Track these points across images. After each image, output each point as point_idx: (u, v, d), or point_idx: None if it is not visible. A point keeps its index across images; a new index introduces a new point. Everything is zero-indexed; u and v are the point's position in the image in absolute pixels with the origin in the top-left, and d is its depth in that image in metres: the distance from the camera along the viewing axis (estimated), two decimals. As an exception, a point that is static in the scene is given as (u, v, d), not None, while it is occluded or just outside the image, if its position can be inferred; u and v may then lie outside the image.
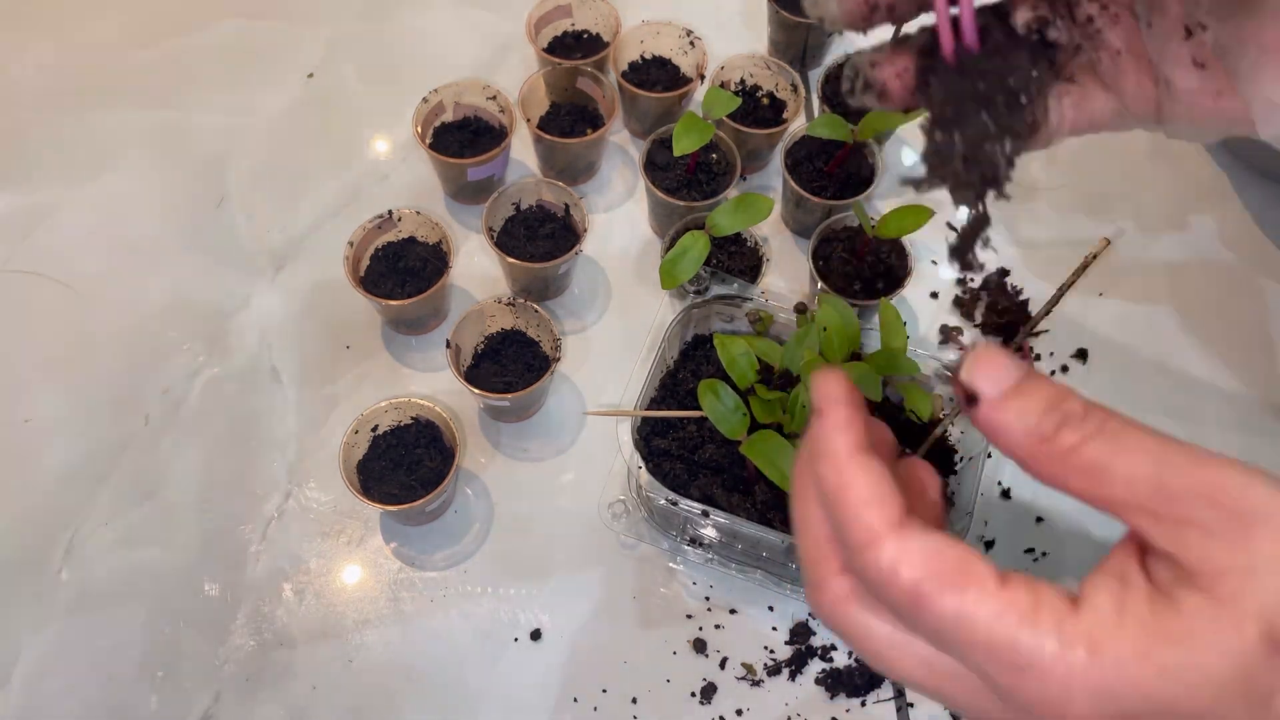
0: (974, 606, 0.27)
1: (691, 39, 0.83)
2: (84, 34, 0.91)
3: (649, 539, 0.68)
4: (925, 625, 0.28)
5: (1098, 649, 0.26)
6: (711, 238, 0.64)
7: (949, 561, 0.27)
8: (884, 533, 0.28)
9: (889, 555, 0.27)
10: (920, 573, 0.27)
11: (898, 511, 0.28)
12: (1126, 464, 0.27)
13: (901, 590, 0.27)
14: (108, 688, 0.64)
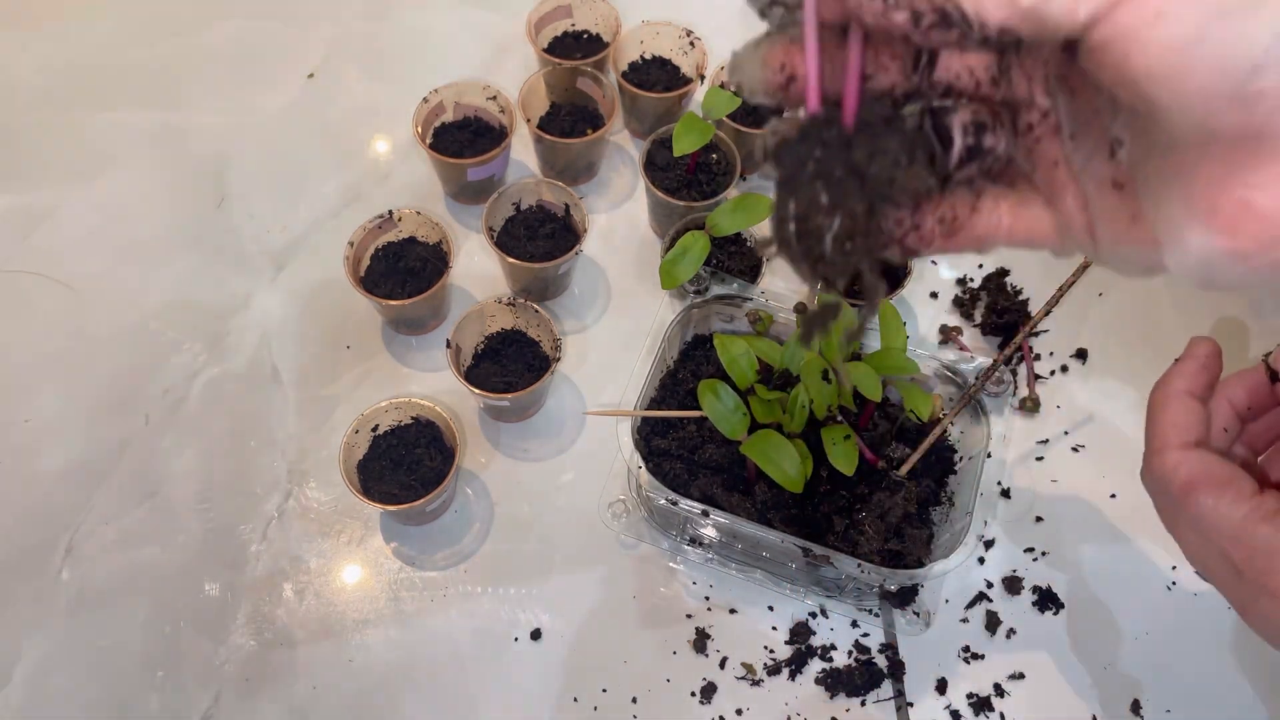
0: (1226, 507, 0.37)
1: (691, 39, 0.83)
2: (84, 34, 0.91)
3: (649, 539, 0.68)
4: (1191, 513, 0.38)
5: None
6: (711, 238, 0.64)
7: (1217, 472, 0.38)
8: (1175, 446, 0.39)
9: (1172, 460, 0.39)
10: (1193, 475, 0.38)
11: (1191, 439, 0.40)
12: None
13: (1178, 484, 0.38)
14: (108, 687, 0.64)
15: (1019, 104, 0.33)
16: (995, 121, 0.33)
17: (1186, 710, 0.65)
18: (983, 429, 0.64)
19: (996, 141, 0.33)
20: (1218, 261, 0.29)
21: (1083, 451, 0.73)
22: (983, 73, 0.33)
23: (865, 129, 0.30)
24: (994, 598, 0.68)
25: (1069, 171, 0.33)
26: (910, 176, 0.30)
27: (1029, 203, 0.34)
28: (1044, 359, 0.77)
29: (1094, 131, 0.32)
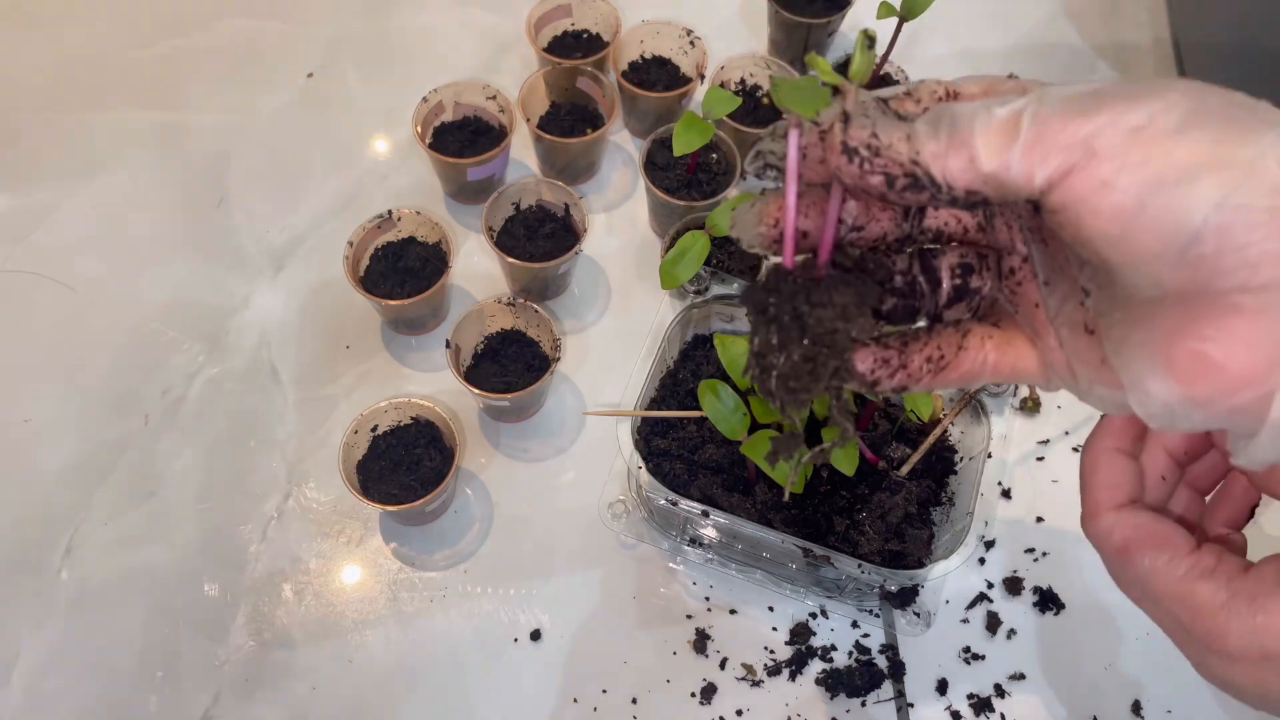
0: (1163, 566, 0.36)
1: (691, 39, 0.83)
2: (84, 34, 0.91)
3: (649, 539, 0.68)
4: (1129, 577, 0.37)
5: (1255, 600, 0.33)
6: (711, 238, 0.64)
7: (1152, 532, 0.36)
8: (1108, 508, 0.38)
9: (1106, 523, 0.37)
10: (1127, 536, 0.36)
11: (1125, 497, 0.38)
12: None
13: (1112, 547, 0.37)
14: (107, 688, 0.64)
15: (1003, 249, 0.36)
16: (981, 264, 0.36)
17: (1187, 711, 0.64)
18: (983, 429, 0.64)
19: (982, 283, 0.36)
20: (1178, 407, 0.31)
21: (1083, 452, 0.73)
22: (969, 220, 0.36)
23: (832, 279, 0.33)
24: (995, 598, 0.68)
25: (1048, 314, 0.36)
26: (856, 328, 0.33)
27: (1014, 341, 0.37)
28: (1045, 359, 0.77)
29: (1066, 279, 0.35)
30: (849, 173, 0.31)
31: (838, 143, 0.31)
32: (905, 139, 0.31)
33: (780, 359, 0.33)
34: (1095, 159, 0.28)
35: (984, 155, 0.29)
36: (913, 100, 0.33)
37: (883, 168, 0.31)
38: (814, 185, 0.34)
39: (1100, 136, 0.28)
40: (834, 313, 0.33)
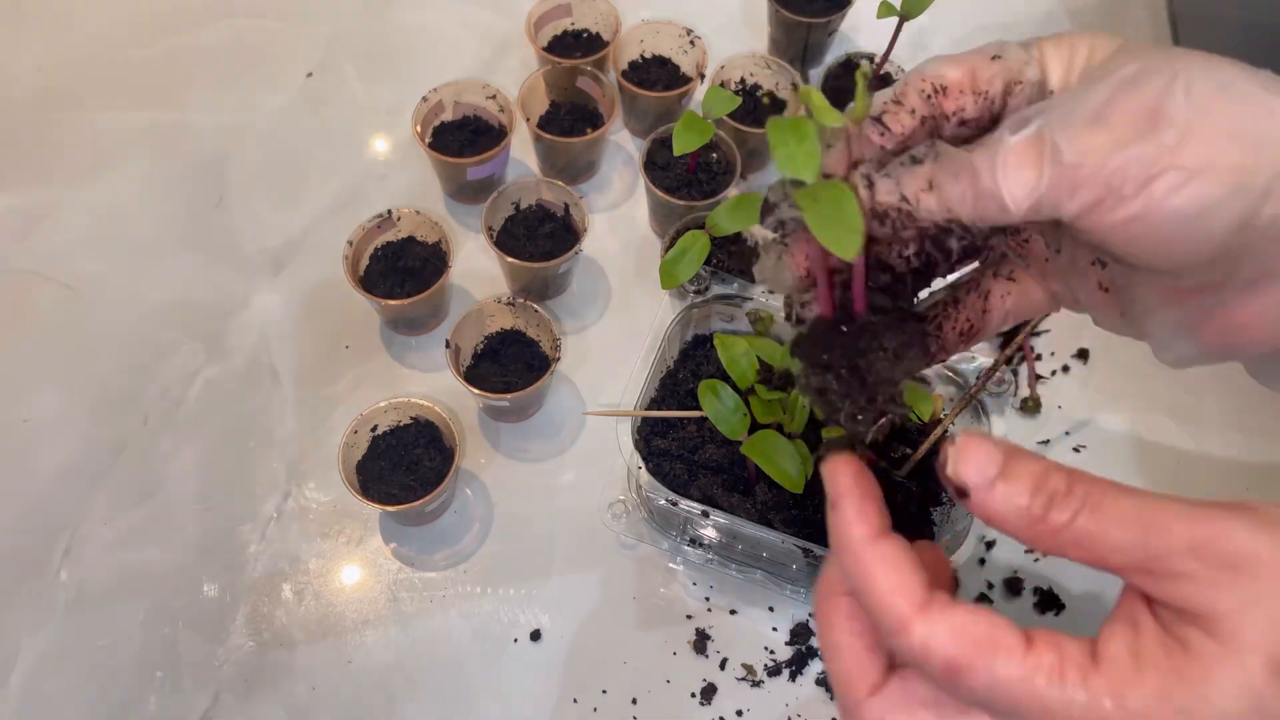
0: (1004, 673, 0.29)
1: (691, 38, 0.83)
2: (82, 33, 0.90)
3: (649, 539, 0.68)
4: (964, 694, 0.30)
5: (1121, 698, 0.29)
6: (711, 237, 0.64)
7: (976, 635, 0.30)
8: (911, 616, 0.30)
9: (919, 637, 0.30)
10: (951, 650, 0.30)
11: (921, 592, 0.31)
12: (1114, 534, 0.30)
13: (937, 668, 0.30)
14: (106, 688, 0.64)
15: None
16: None
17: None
18: (984, 429, 0.64)
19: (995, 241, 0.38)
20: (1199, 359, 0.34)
21: (1084, 452, 0.73)
22: None
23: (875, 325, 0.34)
24: (995, 599, 0.68)
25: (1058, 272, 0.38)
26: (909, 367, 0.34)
27: (1027, 289, 0.39)
28: (1045, 359, 0.76)
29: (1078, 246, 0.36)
30: (880, 234, 0.33)
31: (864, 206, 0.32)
32: (929, 190, 0.32)
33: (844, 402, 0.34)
34: (1121, 199, 0.30)
35: (1013, 203, 0.31)
36: (905, 110, 0.34)
37: (917, 225, 0.32)
38: None
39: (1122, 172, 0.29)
40: (887, 359, 0.34)
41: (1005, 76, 0.34)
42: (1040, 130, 0.30)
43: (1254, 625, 0.28)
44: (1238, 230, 0.29)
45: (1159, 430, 0.74)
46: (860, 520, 0.33)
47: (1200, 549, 0.29)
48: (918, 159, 0.33)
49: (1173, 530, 0.29)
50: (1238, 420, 0.74)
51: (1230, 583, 0.29)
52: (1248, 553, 0.29)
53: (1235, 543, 0.29)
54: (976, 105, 0.34)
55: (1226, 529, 0.29)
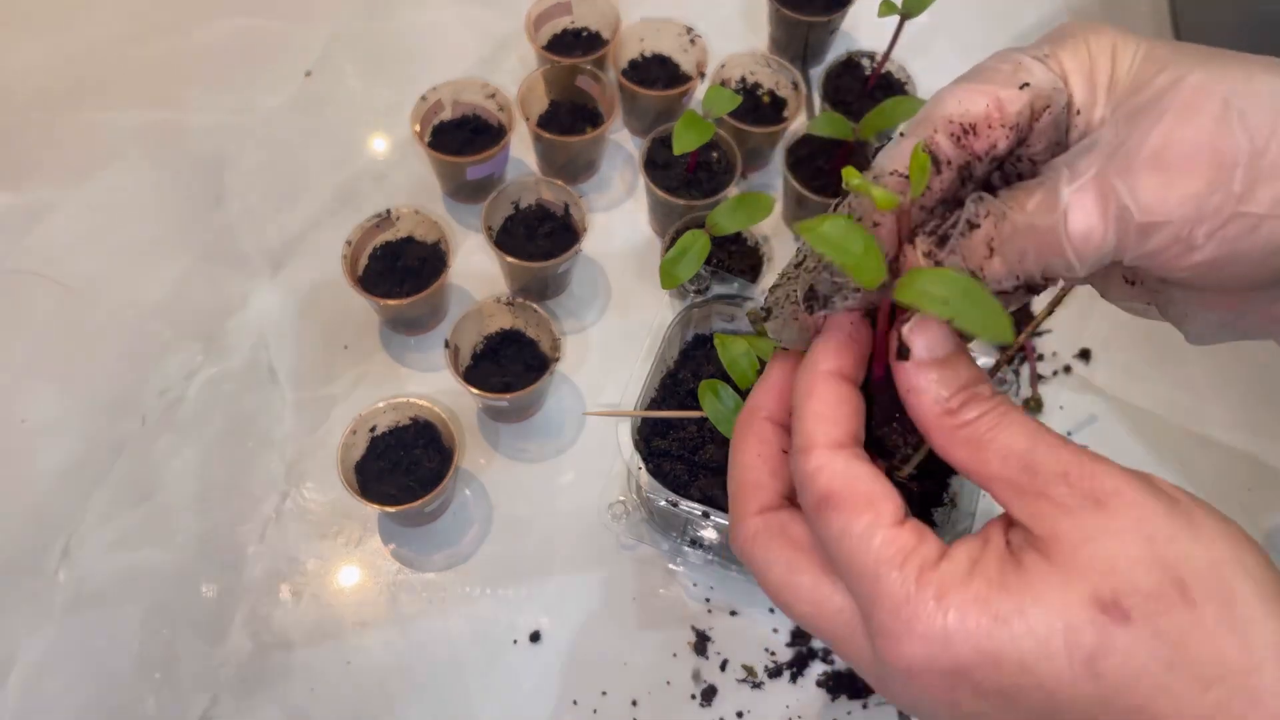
0: (858, 529, 0.31)
1: (692, 37, 0.83)
2: (80, 32, 0.90)
3: (649, 540, 0.68)
4: (820, 532, 0.32)
5: (944, 597, 0.29)
6: (712, 237, 0.64)
7: (860, 488, 0.31)
8: (821, 445, 0.32)
9: (815, 463, 0.32)
10: (832, 487, 0.31)
11: (842, 434, 0.32)
12: (1004, 440, 0.31)
13: (814, 493, 0.32)
14: (105, 689, 0.64)
15: None
16: None
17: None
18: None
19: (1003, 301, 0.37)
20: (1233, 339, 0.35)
21: (1086, 452, 0.73)
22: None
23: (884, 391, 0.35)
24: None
25: None
26: None
27: None
28: (1047, 359, 0.76)
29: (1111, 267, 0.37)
30: None
31: None
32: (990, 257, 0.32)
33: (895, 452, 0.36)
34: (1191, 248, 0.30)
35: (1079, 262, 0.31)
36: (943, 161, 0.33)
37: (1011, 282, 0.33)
38: None
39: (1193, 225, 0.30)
40: None
41: (1034, 105, 0.33)
42: (1099, 181, 0.30)
43: (1091, 556, 0.29)
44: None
45: (1160, 430, 0.74)
46: (834, 356, 0.34)
47: (1072, 476, 0.30)
48: (973, 223, 0.32)
49: (1057, 453, 0.30)
50: (1240, 420, 0.74)
51: (1086, 513, 0.29)
52: (1112, 489, 0.29)
53: (1105, 480, 0.30)
54: (1008, 140, 0.33)
55: (1103, 468, 0.30)
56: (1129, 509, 0.29)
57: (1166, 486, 0.31)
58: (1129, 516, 0.29)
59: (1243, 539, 0.30)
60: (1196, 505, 0.30)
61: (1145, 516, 0.29)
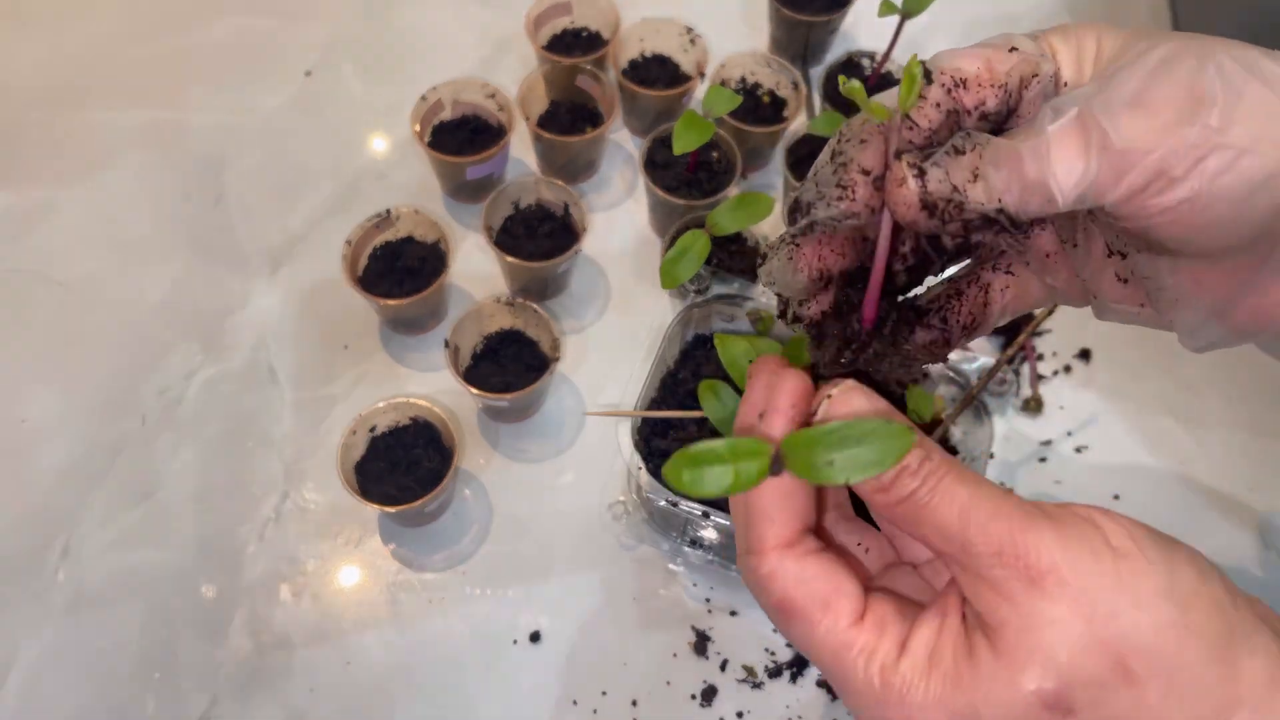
0: (822, 636, 0.31)
1: (692, 37, 0.83)
2: (80, 32, 0.90)
3: (649, 540, 0.68)
4: (784, 631, 0.33)
5: (905, 699, 0.30)
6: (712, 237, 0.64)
7: (815, 590, 0.32)
8: (771, 548, 0.32)
9: (767, 568, 0.32)
10: (789, 594, 0.32)
11: (791, 532, 0.32)
12: (939, 516, 0.31)
13: (770, 599, 0.32)
14: (104, 690, 0.64)
15: None
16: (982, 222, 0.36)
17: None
18: (985, 430, 0.64)
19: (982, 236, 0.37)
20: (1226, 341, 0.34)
21: (1086, 452, 0.73)
22: None
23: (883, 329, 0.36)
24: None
25: (1063, 260, 0.37)
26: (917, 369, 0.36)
27: (1027, 283, 0.39)
28: (1047, 359, 0.76)
29: (1093, 241, 0.36)
30: (926, 226, 0.32)
31: (915, 200, 0.32)
32: (974, 181, 0.31)
33: None
34: (1172, 182, 0.30)
35: (1061, 194, 0.30)
36: (930, 104, 0.33)
37: (964, 218, 0.32)
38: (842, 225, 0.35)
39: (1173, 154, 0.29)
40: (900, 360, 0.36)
41: (1021, 70, 0.34)
42: (1082, 117, 0.30)
43: (1033, 648, 0.29)
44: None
45: (1161, 430, 0.74)
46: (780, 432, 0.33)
47: (1006, 555, 0.29)
48: (960, 149, 0.32)
49: (988, 529, 0.30)
50: (1240, 420, 0.74)
51: (1025, 597, 0.29)
52: (1048, 568, 0.29)
53: (1040, 556, 0.29)
54: (996, 99, 0.33)
55: (1036, 540, 0.29)
56: (1065, 588, 0.29)
57: (1113, 532, 0.30)
58: (1066, 597, 0.29)
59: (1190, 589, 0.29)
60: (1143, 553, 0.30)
61: (1083, 592, 0.29)
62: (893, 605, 0.33)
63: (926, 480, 0.31)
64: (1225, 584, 0.30)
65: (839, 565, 0.33)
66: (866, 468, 0.29)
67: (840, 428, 0.29)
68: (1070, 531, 0.30)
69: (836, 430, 0.29)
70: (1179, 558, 0.30)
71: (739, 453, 0.30)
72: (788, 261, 0.36)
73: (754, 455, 0.30)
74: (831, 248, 0.35)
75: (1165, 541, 0.31)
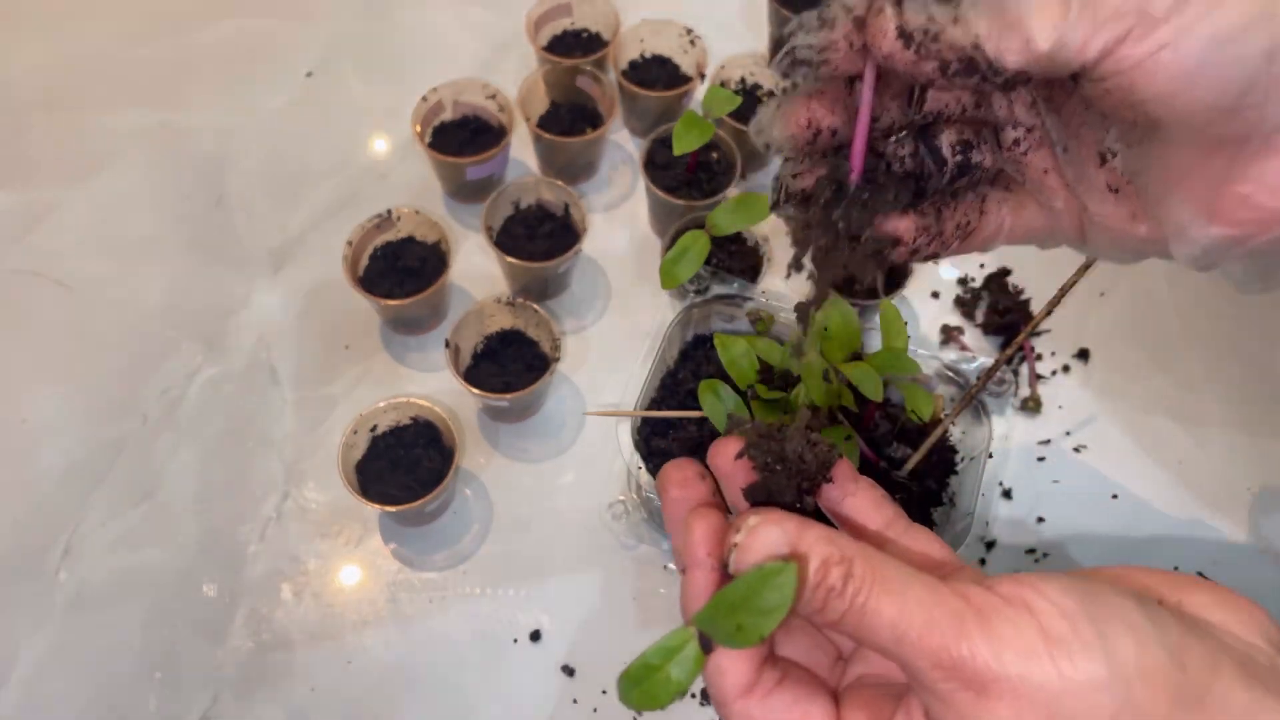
0: None
1: (691, 38, 0.83)
2: (82, 33, 0.90)
3: (649, 540, 0.68)
4: None
5: None
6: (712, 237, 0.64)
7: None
8: (733, 699, 0.33)
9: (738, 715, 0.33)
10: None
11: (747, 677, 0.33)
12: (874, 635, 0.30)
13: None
14: (106, 689, 0.64)
15: (1000, 123, 0.37)
16: (978, 139, 0.37)
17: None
18: (984, 429, 0.64)
19: (983, 157, 0.37)
20: (1219, 247, 0.33)
21: (1084, 452, 0.73)
22: (967, 99, 0.36)
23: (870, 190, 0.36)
24: (995, 599, 0.68)
25: (1059, 179, 0.37)
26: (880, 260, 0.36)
27: (1025, 204, 0.38)
28: (1046, 359, 0.76)
29: (1084, 145, 0.36)
30: (903, 59, 0.31)
31: (891, 28, 0.31)
32: (955, 22, 0.30)
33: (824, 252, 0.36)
34: (1153, 24, 0.29)
35: (1039, 36, 0.30)
36: None
37: (939, 53, 0.31)
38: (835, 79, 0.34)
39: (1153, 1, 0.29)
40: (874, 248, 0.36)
41: None
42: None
43: None
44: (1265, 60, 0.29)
45: (1160, 429, 0.74)
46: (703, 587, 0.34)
47: (948, 668, 0.29)
48: None
49: (921, 646, 0.29)
50: (1238, 419, 0.74)
51: (971, 709, 0.29)
52: (989, 678, 0.29)
53: (978, 665, 0.29)
54: None
55: (970, 650, 0.29)
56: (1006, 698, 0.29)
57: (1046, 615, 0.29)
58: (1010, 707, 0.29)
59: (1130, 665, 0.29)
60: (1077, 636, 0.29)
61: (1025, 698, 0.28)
62: (864, 715, 0.33)
63: (854, 600, 0.30)
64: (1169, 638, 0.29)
65: (802, 693, 0.33)
66: (767, 616, 0.30)
67: (735, 588, 0.31)
68: (1003, 630, 0.29)
69: (733, 592, 0.31)
70: (1114, 630, 0.29)
71: (669, 653, 0.32)
72: (776, 111, 0.35)
73: (681, 648, 0.32)
74: (820, 102, 0.34)
75: (1101, 611, 0.30)
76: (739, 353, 0.59)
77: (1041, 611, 0.29)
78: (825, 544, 0.31)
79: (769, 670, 0.33)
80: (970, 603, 0.30)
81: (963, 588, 0.31)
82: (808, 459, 0.34)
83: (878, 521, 0.36)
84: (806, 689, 0.34)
